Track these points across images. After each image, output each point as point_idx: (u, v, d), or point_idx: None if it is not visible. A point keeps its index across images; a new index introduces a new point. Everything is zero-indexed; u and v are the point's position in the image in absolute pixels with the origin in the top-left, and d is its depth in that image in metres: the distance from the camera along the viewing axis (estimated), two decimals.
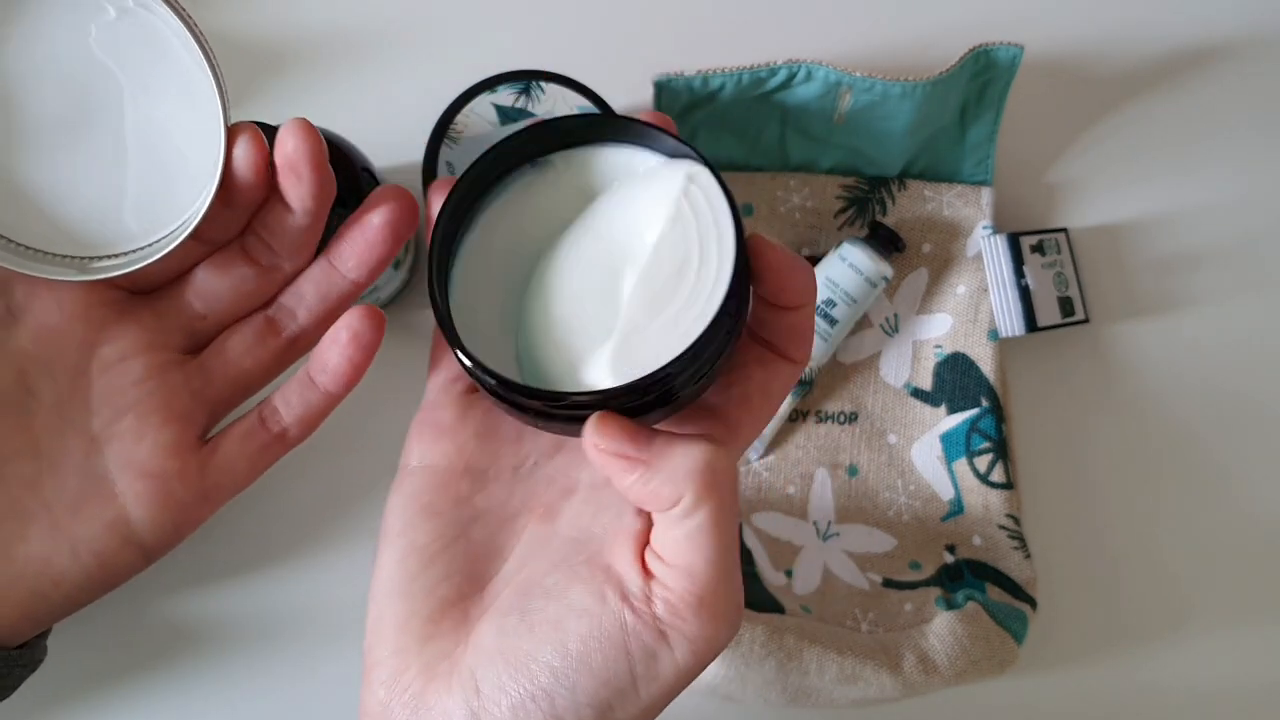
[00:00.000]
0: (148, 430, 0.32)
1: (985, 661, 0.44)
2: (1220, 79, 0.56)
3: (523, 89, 0.48)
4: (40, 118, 0.29)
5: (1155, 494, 0.53)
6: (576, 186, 0.30)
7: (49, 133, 0.29)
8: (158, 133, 0.30)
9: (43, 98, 0.29)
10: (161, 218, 0.31)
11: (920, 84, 0.47)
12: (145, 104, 0.30)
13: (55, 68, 0.28)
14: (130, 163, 0.30)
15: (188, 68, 0.29)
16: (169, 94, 0.30)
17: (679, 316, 0.27)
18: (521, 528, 0.30)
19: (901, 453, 0.52)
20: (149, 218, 0.30)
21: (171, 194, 0.30)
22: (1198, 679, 0.52)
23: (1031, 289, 0.51)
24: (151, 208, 0.30)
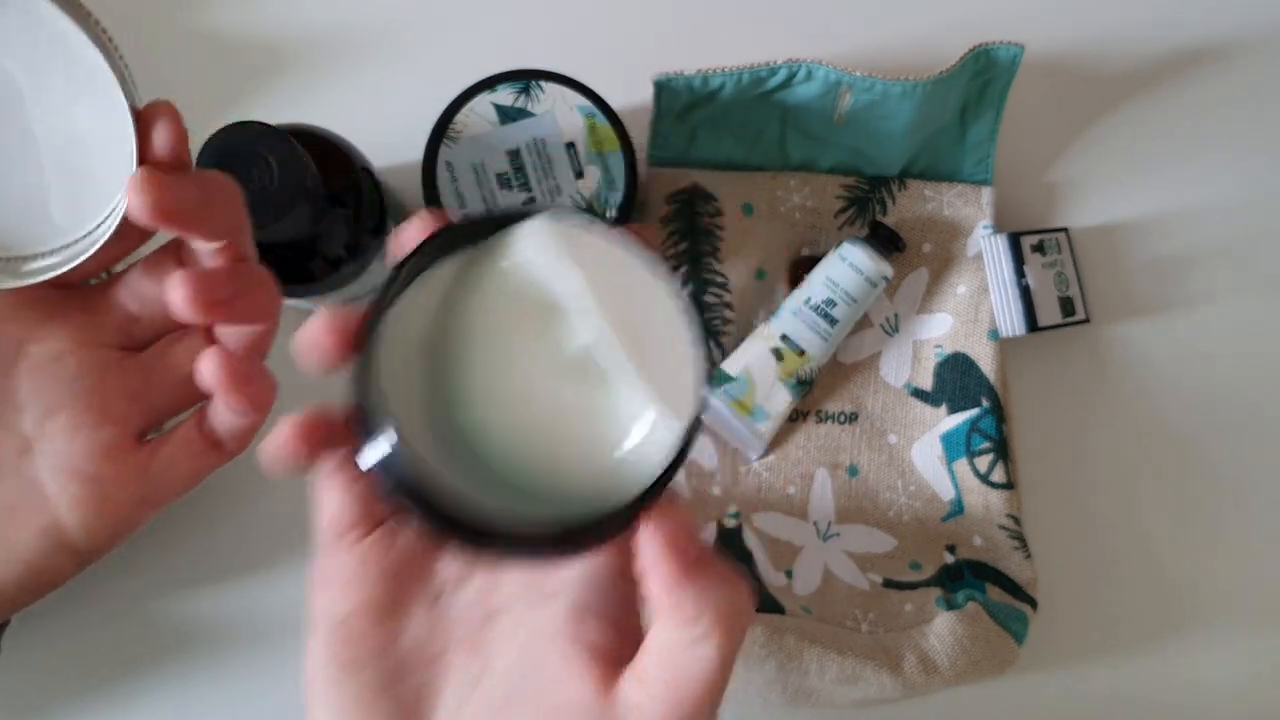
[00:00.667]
0: (81, 429, 0.31)
1: (986, 662, 0.44)
2: (1220, 78, 0.56)
3: (522, 88, 0.48)
4: None
5: (1156, 494, 0.53)
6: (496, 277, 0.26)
7: None
8: (67, 127, 0.30)
9: None
10: (87, 211, 0.30)
11: (920, 83, 0.47)
12: (48, 100, 0.29)
13: None
14: (45, 160, 0.30)
15: (87, 59, 0.29)
16: (72, 88, 0.29)
17: (676, 368, 0.24)
18: (449, 665, 0.27)
19: (902, 453, 0.52)
20: (75, 212, 0.30)
21: (94, 187, 0.30)
22: (1197, 678, 0.52)
23: (1032, 289, 0.51)
24: (76, 202, 0.30)
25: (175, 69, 0.54)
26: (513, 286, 0.25)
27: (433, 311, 0.25)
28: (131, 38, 0.54)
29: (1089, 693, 0.52)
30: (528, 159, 0.48)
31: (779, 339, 0.50)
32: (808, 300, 0.51)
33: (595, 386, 0.25)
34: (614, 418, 0.25)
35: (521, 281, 0.25)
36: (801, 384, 0.51)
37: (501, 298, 0.25)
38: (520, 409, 0.25)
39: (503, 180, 0.48)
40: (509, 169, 0.47)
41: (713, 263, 0.51)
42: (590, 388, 0.24)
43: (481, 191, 0.48)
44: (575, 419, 0.25)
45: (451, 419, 0.25)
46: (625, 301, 0.24)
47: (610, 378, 0.24)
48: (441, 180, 0.47)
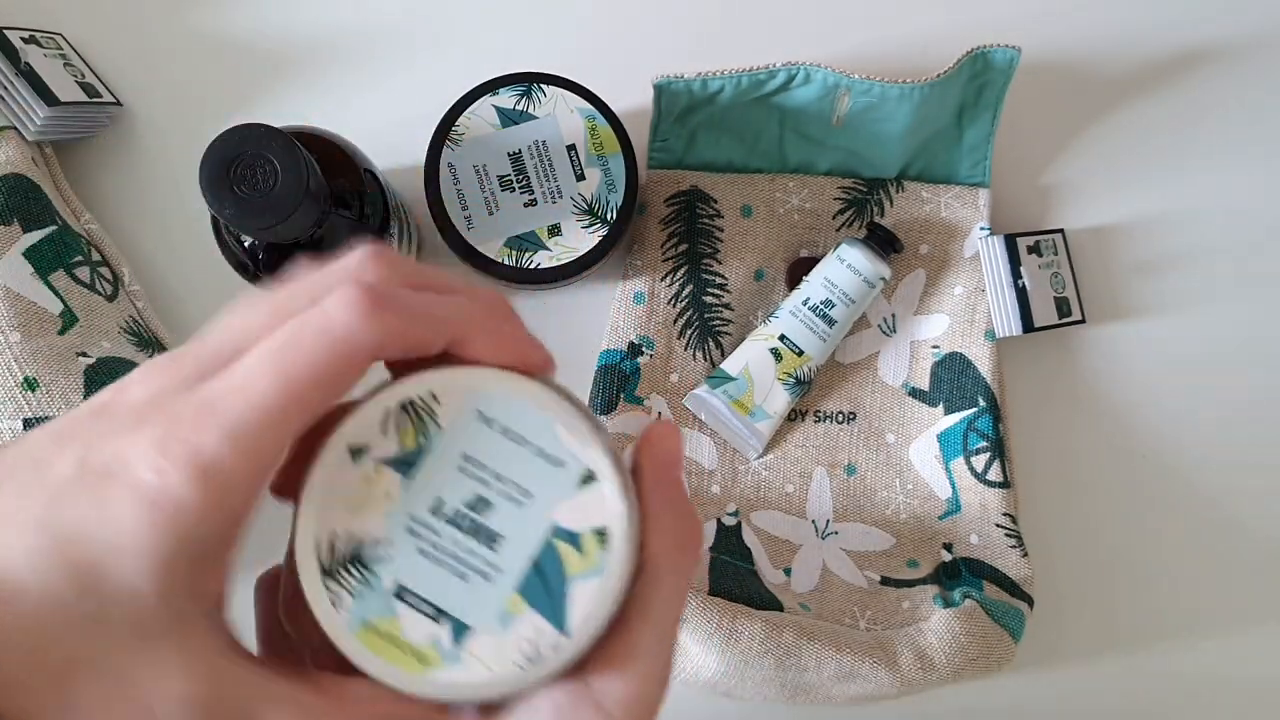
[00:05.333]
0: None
1: (983, 659, 0.44)
2: (1215, 82, 0.56)
3: (524, 91, 0.48)
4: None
5: (1151, 493, 0.53)
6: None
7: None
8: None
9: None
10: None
11: (918, 86, 0.47)
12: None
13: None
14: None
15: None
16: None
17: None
18: None
19: (899, 452, 0.52)
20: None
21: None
22: (1195, 676, 0.52)
23: (1028, 289, 0.51)
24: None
25: (179, 71, 0.54)
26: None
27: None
28: (135, 39, 0.55)
29: (1086, 690, 0.52)
30: (529, 161, 0.48)
31: (778, 339, 0.51)
32: (806, 301, 0.51)
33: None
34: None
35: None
36: (800, 384, 0.51)
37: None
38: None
39: (504, 182, 0.48)
40: (511, 171, 0.48)
41: (712, 264, 0.52)
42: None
43: (483, 193, 0.48)
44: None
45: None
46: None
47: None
48: (444, 182, 0.48)
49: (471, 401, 0.23)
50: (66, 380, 0.44)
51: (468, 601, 0.23)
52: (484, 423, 0.24)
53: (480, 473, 0.23)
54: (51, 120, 0.48)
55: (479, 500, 0.23)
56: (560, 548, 0.23)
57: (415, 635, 0.23)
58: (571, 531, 0.23)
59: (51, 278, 0.46)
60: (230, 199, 0.38)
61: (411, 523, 0.23)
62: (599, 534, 0.23)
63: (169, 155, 0.54)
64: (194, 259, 0.52)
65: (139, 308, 0.51)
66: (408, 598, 0.23)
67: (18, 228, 0.46)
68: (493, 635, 0.23)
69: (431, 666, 0.23)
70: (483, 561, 0.23)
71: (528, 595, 0.23)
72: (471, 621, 0.23)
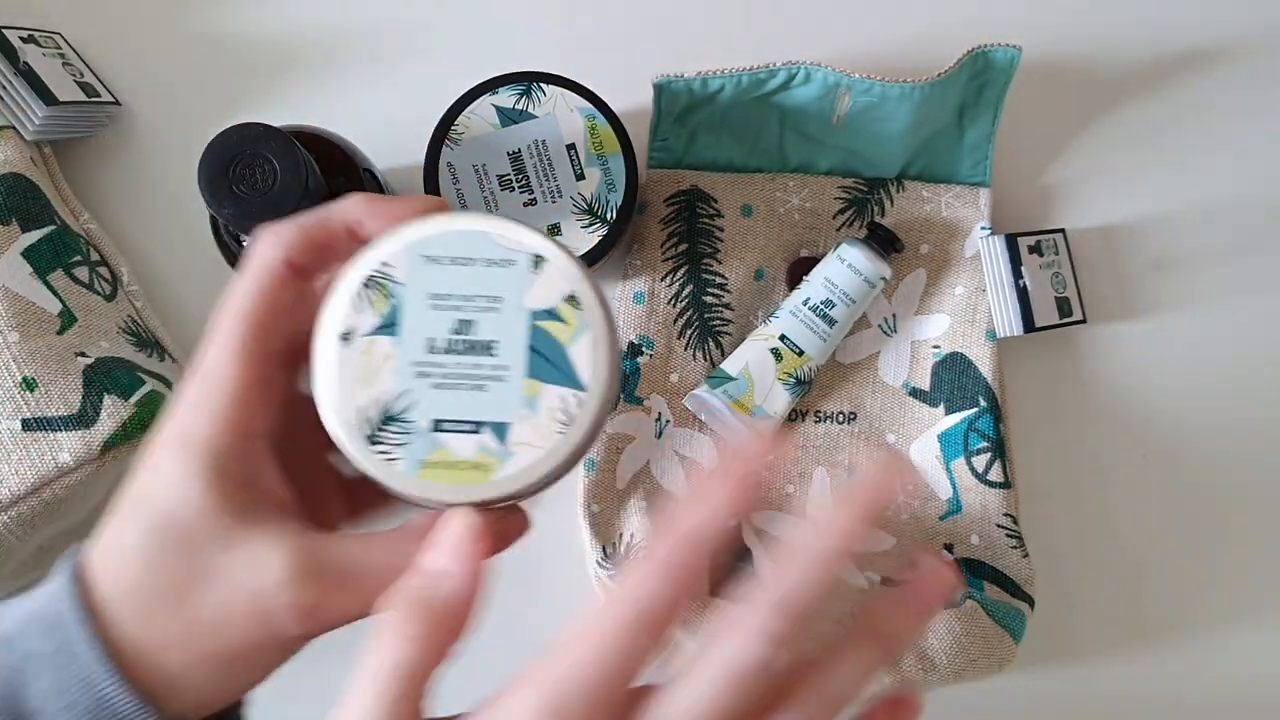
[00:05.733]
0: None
1: (983, 659, 0.44)
2: (1216, 81, 0.56)
3: (524, 91, 0.48)
4: None
5: (1152, 493, 0.53)
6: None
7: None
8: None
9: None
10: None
11: (918, 85, 0.47)
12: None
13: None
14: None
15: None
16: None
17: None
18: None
19: (900, 452, 0.52)
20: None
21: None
22: (1195, 676, 0.52)
23: (1029, 289, 0.51)
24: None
25: (179, 70, 0.54)
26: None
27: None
28: (134, 39, 0.55)
29: (1086, 690, 0.52)
30: (529, 161, 0.48)
31: (778, 339, 0.51)
32: (806, 301, 0.51)
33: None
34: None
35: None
36: (800, 384, 0.51)
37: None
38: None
39: (504, 182, 0.48)
40: (510, 171, 0.48)
41: (712, 263, 0.52)
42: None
43: (483, 193, 0.48)
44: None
45: None
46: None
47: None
48: (443, 182, 0.48)
49: (414, 251, 0.26)
50: (65, 380, 0.44)
51: (494, 404, 0.26)
52: (432, 262, 0.27)
53: (451, 302, 0.27)
54: (50, 120, 0.48)
55: (461, 324, 0.27)
56: (545, 325, 0.27)
57: (466, 452, 0.26)
58: (546, 310, 0.27)
59: (50, 277, 0.46)
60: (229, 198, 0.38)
61: (416, 367, 0.26)
62: (569, 299, 0.27)
63: (168, 155, 0.54)
64: (193, 259, 0.52)
65: (137, 307, 0.50)
66: (445, 426, 0.26)
67: (16, 227, 0.46)
68: (528, 420, 0.26)
69: (492, 470, 0.26)
70: (489, 369, 0.26)
71: (538, 375, 0.26)
72: (506, 418, 0.26)
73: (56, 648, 0.24)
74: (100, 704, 0.24)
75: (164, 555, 0.25)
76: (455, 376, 0.27)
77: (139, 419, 0.44)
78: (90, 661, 0.24)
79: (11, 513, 0.42)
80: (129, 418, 0.44)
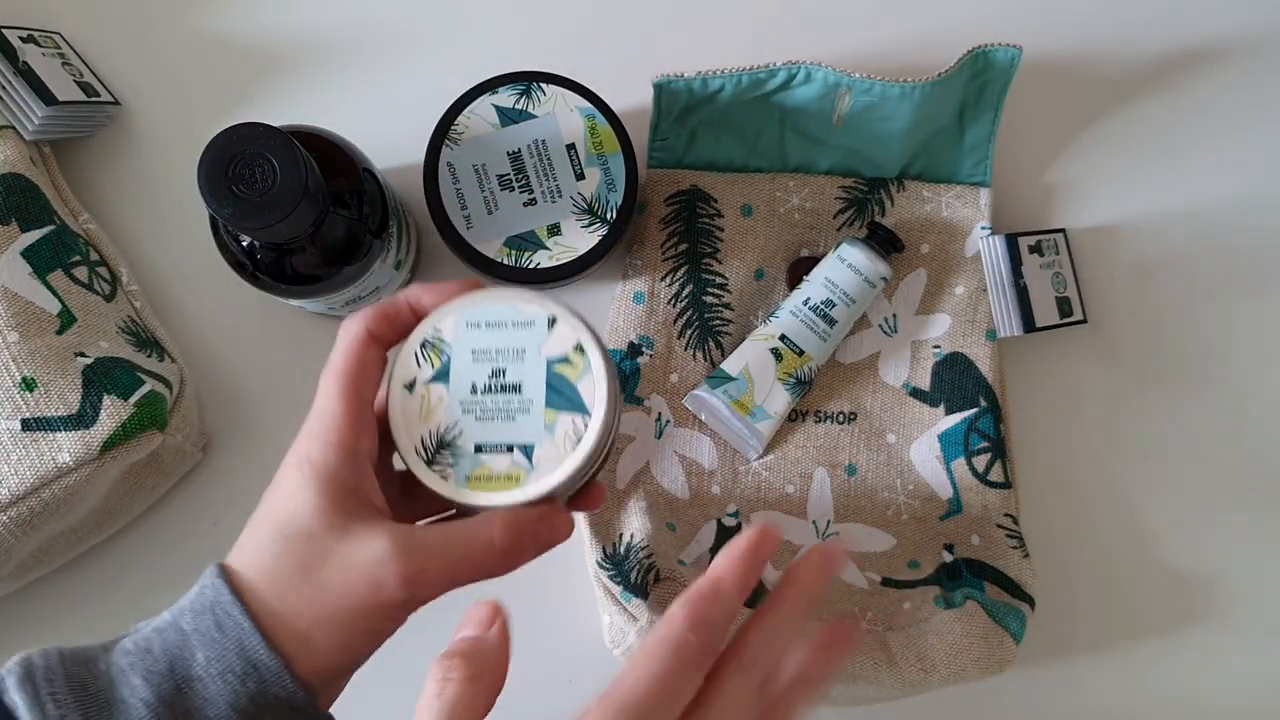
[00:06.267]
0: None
1: (984, 660, 0.44)
2: (1217, 80, 0.56)
3: (523, 90, 0.48)
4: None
5: (1152, 493, 0.53)
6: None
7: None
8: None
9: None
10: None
11: (919, 85, 0.47)
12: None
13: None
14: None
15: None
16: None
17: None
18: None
19: (900, 452, 0.52)
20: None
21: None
22: (1194, 676, 0.52)
23: (1029, 289, 0.51)
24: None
25: (178, 70, 0.54)
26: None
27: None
28: (133, 39, 0.55)
29: (1086, 691, 0.52)
30: (529, 160, 0.48)
31: (778, 339, 0.51)
32: (807, 301, 0.51)
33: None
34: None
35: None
36: (800, 384, 0.51)
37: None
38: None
39: (504, 182, 0.48)
40: (510, 170, 0.48)
41: (712, 263, 0.52)
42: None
43: (483, 193, 0.48)
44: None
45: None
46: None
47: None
48: (443, 181, 0.48)
49: (459, 319, 0.35)
50: (64, 380, 0.44)
51: (522, 431, 0.35)
52: (473, 327, 0.35)
53: (487, 355, 0.35)
54: (49, 119, 0.48)
55: (495, 371, 0.35)
56: (558, 369, 0.35)
57: (502, 467, 0.34)
58: (560, 357, 0.35)
59: (50, 277, 0.46)
60: (229, 198, 0.38)
61: (462, 405, 0.35)
62: (577, 348, 0.35)
63: (167, 155, 0.53)
64: (192, 258, 0.52)
65: (137, 307, 0.50)
66: (485, 449, 0.35)
67: (15, 227, 0.46)
68: (547, 441, 0.35)
69: (522, 481, 0.34)
70: (517, 404, 0.35)
71: (554, 406, 0.35)
72: (531, 440, 0.35)
73: (214, 623, 0.31)
74: (249, 664, 0.30)
75: (290, 545, 0.32)
76: (492, 411, 0.35)
77: (138, 419, 0.44)
78: (242, 631, 0.30)
79: (11, 513, 0.42)
80: (128, 418, 0.43)
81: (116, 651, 0.32)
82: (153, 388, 0.45)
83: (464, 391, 0.35)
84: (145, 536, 0.51)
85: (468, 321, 0.35)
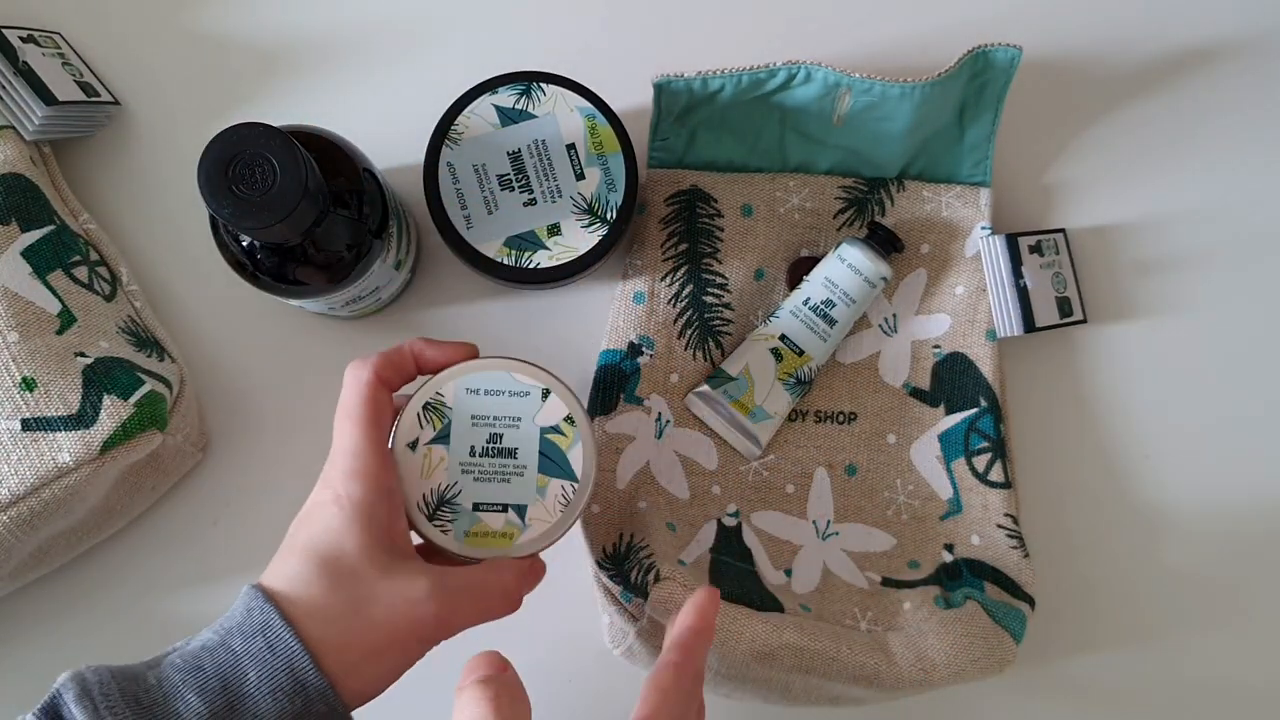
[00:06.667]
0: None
1: (984, 660, 0.44)
2: (1217, 81, 0.56)
3: (523, 90, 0.48)
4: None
5: (1152, 493, 0.53)
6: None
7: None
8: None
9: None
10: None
11: (919, 85, 0.47)
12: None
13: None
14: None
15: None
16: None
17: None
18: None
19: (900, 452, 0.52)
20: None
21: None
22: (1194, 676, 0.52)
23: (1029, 289, 0.51)
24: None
25: (178, 70, 0.54)
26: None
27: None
28: (133, 39, 0.55)
29: (1086, 691, 0.52)
30: (529, 160, 0.48)
31: (778, 339, 0.51)
32: (807, 301, 0.51)
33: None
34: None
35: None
36: (800, 384, 0.51)
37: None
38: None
39: (504, 182, 0.48)
40: (510, 170, 0.48)
41: (712, 263, 0.52)
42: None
43: (483, 193, 0.48)
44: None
45: None
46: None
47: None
48: (443, 181, 0.48)
49: (460, 385, 0.39)
50: (64, 380, 0.44)
51: (516, 492, 0.39)
52: (472, 393, 0.39)
53: (485, 420, 0.39)
54: (50, 119, 0.48)
55: (492, 435, 0.39)
56: (550, 438, 0.39)
57: (497, 525, 0.39)
58: (552, 426, 0.39)
59: (50, 277, 0.46)
60: (229, 198, 0.38)
61: (461, 467, 0.39)
62: (568, 419, 0.39)
63: (167, 155, 0.54)
64: (192, 258, 0.52)
65: (137, 307, 0.50)
66: (482, 507, 0.39)
67: (15, 227, 0.46)
68: (538, 503, 0.39)
69: (515, 538, 0.39)
70: (512, 468, 0.39)
71: (546, 471, 0.39)
72: (523, 501, 0.39)
73: (265, 645, 0.33)
74: (298, 683, 0.33)
75: (339, 583, 0.35)
76: (489, 472, 0.39)
77: (138, 419, 0.44)
78: (293, 654, 0.33)
79: (11, 513, 0.42)
80: (128, 418, 0.43)
81: (165, 668, 0.34)
82: (153, 388, 0.45)
83: (463, 453, 0.39)
84: (145, 536, 0.51)
85: (467, 388, 0.39)
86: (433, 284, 0.54)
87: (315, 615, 0.34)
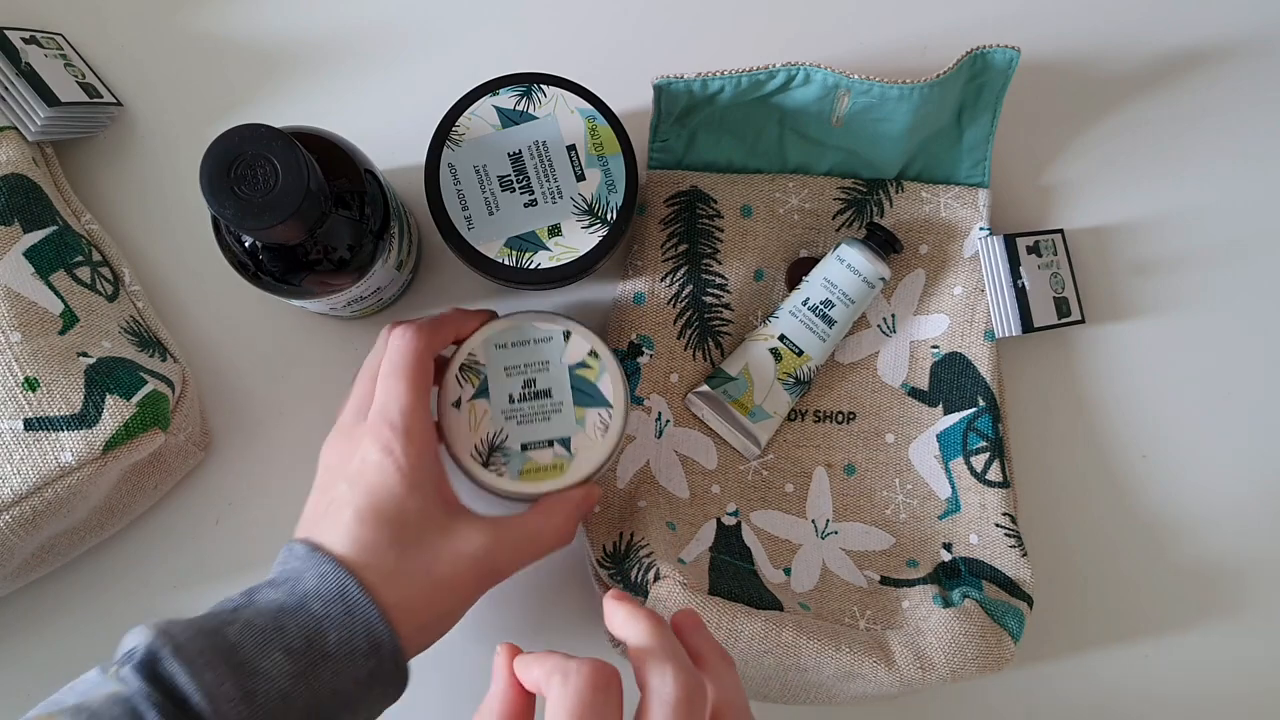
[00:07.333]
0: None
1: (982, 659, 0.44)
2: (1215, 82, 0.56)
3: (524, 92, 0.48)
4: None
5: (1150, 492, 0.53)
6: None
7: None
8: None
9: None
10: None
11: (917, 86, 0.47)
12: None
13: None
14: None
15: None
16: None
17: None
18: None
19: (899, 452, 0.52)
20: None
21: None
22: (1193, 675, 0.52)
23: (1027, 289, 0.51)
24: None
25: (180, 71, 0.54)
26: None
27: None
28: (135, 40, 0.55)
29: (1085, 690, 0.52)
30: (529, 162, 0.48)
31: (777, 339, 0.51)
32: (806, 301, 0.51)
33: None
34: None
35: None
36: (800, 384, 0.51)
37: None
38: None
39: (505, 183, 0.48)
40: (511, 171, 0.48)
41: (712, 264, 0.52)
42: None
43: (484, 194, 0.48)
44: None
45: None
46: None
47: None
48: (444, 182, 0.48)
49: (489, 343, 0.44)
50: (67, 380, 0.44)
51: (558, 427, 0.43)
52: (501, 348, 0.44)
53: (517, 369, 0.44)
54: (52, 120, 0.49)
55: (526, 381, 0.43)
56: (579, 373, 0.44)
57: (546, 460, 0.43)
58: (579, 362, 0.44)
59: (52, 278, 0.46)
60: (231, 199, 0.38)
61: (504, 414, 0.43)
62: (591, 354, 0.44)
63: (169, 155, 0.54)
64: (194, 259, 0.52)
65: (139, 308, 0.51)
66: (530, 446, 0.43)
67: (18, 228, 0.46)
68: (580, 433, 0.43)
69: (565, 468, 0.43)
70: (550, 406, 0.43)
71: (581, 403, 0.43)
72: (566, 434, 0.43)
73: (344, 610, 0.36)
74: (375, 646, 0.36)
75: (407, 549, 0.38)
76: (530, 414, 0.43)
77: (141, 418, 0.44)
78: (371, 620, 0.36)
79: (13, 512, 0.42)
80: (131, 417, 0.44)
81: (244, 627, 0.35)
82: (155, 387, 0.45)
83: (504, 402, 0.43)
84: (147, 535, 0.52)
85: (495, 344, 0.43)
86: (434, 284, 0.54)
87: (389, 581, 0.37)
